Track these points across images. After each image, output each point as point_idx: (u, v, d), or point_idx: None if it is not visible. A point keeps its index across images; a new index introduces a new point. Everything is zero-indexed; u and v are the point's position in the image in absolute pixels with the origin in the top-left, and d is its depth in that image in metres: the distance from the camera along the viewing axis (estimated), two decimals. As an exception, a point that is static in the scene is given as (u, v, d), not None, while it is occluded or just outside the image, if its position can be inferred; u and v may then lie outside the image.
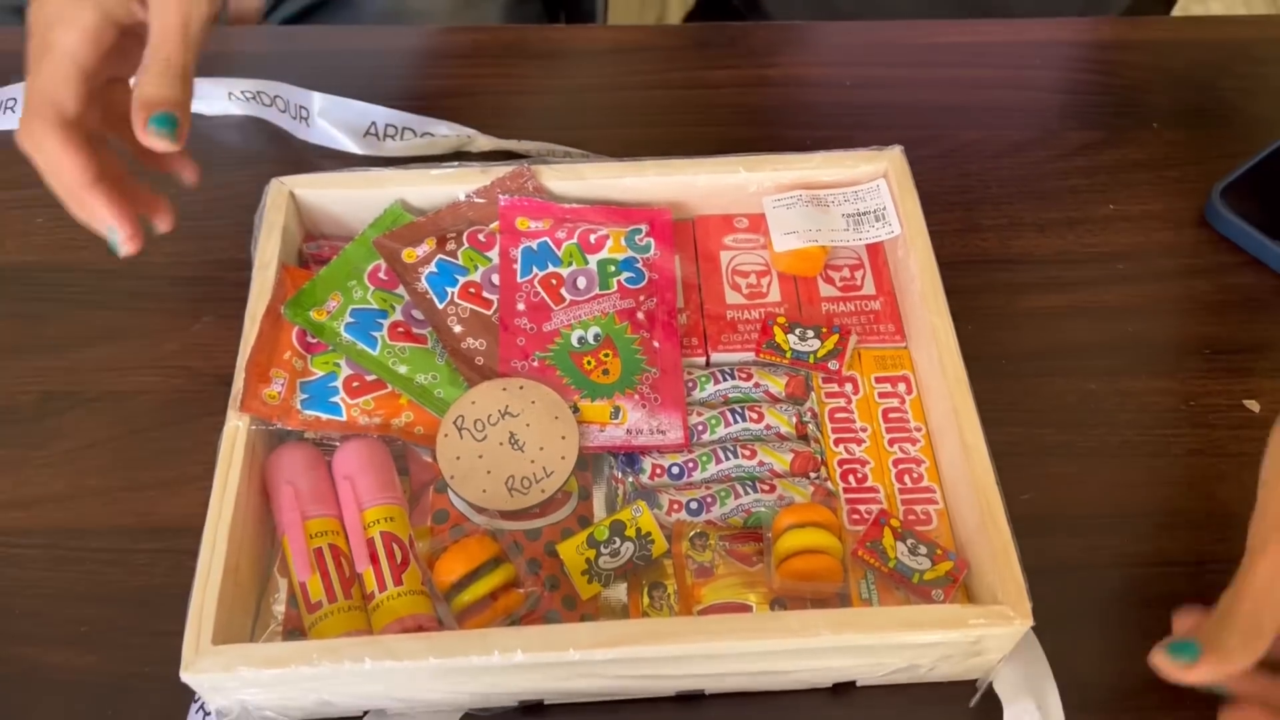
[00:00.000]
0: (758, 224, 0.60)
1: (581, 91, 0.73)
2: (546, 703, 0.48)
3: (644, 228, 0.58)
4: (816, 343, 0.54)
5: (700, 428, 0.53)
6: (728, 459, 0.52)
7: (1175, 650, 0.44)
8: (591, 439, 0.52)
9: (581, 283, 0.56)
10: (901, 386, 0.54)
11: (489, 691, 0.47)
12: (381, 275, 0.55)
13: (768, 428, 0.53)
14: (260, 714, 0.46)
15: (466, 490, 0.50)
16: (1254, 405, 0.58)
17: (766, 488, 0.51)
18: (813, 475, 0.52)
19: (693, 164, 0.59)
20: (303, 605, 0.47)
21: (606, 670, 0.45)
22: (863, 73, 0.75)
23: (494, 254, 0.56)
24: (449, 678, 0.44)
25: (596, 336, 0.54)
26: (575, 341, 0.54)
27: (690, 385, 0.54)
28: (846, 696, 0.49)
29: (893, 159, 0.58)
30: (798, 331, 0.55)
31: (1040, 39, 0.77)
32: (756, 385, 0.54)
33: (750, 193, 0.59)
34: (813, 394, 0.54)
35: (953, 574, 0.47)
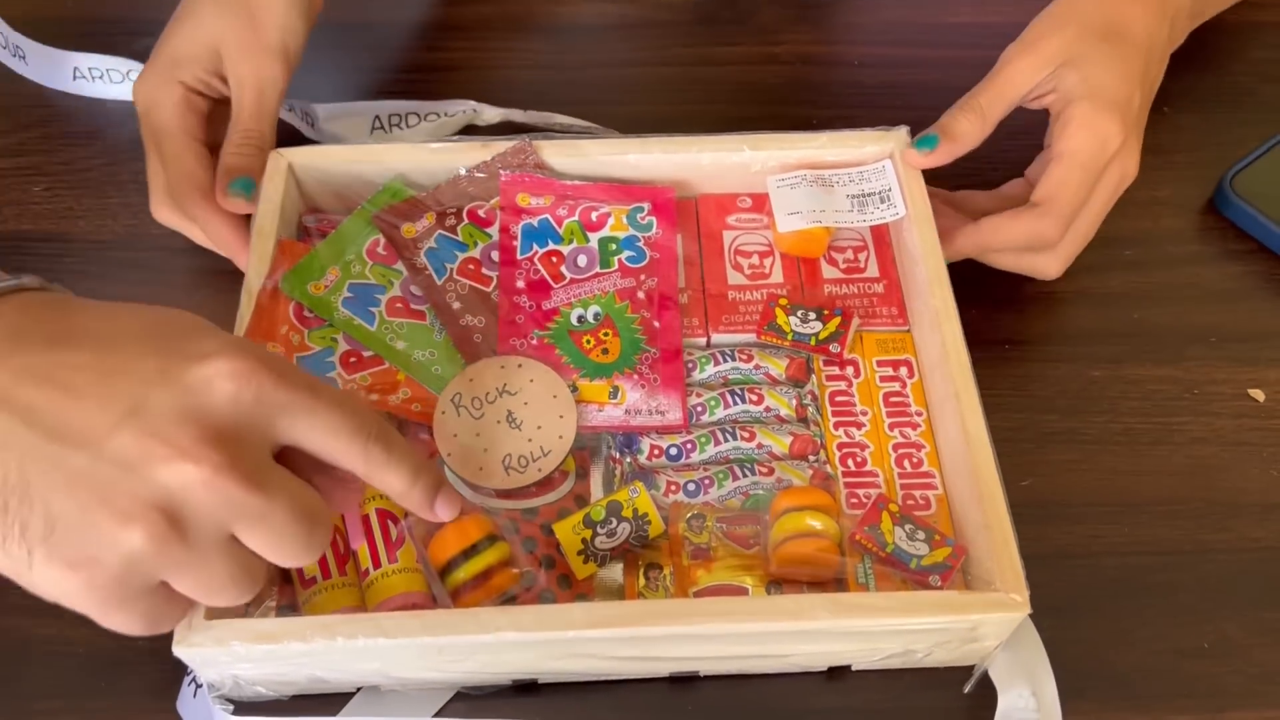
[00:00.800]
0: (761, 203, 0.59)
1: (586, 67, 0.73)
2: (540, 682, 0.48)
3: (646, 206, 0.57)
4: (818, 325, 0.54)
5: (699, 409, 0.53)
6: (726, 441, 0.51)
7: (920, 143, 0.56)
8: (590, 418, 0.51)
9: (582, 261, 0.55)
10: (903, 370, 0.54)
11: (482, 670, 0.46)
12: (380, 250, 0.55)
13: (767, 410, 0.53)
14: (252, 688, 0.45)
15: (463, 469, 0.50)
16: (1259, 394, 0.57)
17: (765, 470, 0.51)
18: (812, 458, 0.51)
19: (697, 141, 0.58)
20: (297, 580, 0.47)
21: (601, 650, 0.45)
22: (871, 51, 0.74)
23: (494, 230, 0.56)
24: (443, 655, 0.44)
25: (596, 315, 0.54)
26: (575, 320, 0.54)
27: (690, 366, 0.54)
28: (841, 680, 0.49)
29: (899, 140, 0.58)
30: (799, 314, 0.54)
31: None
32: (757, 367, 0.54)
33: (754, 172, 0.59)
34: (813, 376, 0.54)
35: (951, 560, 0.47)
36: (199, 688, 0.46)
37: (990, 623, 0.44)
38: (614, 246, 0.56)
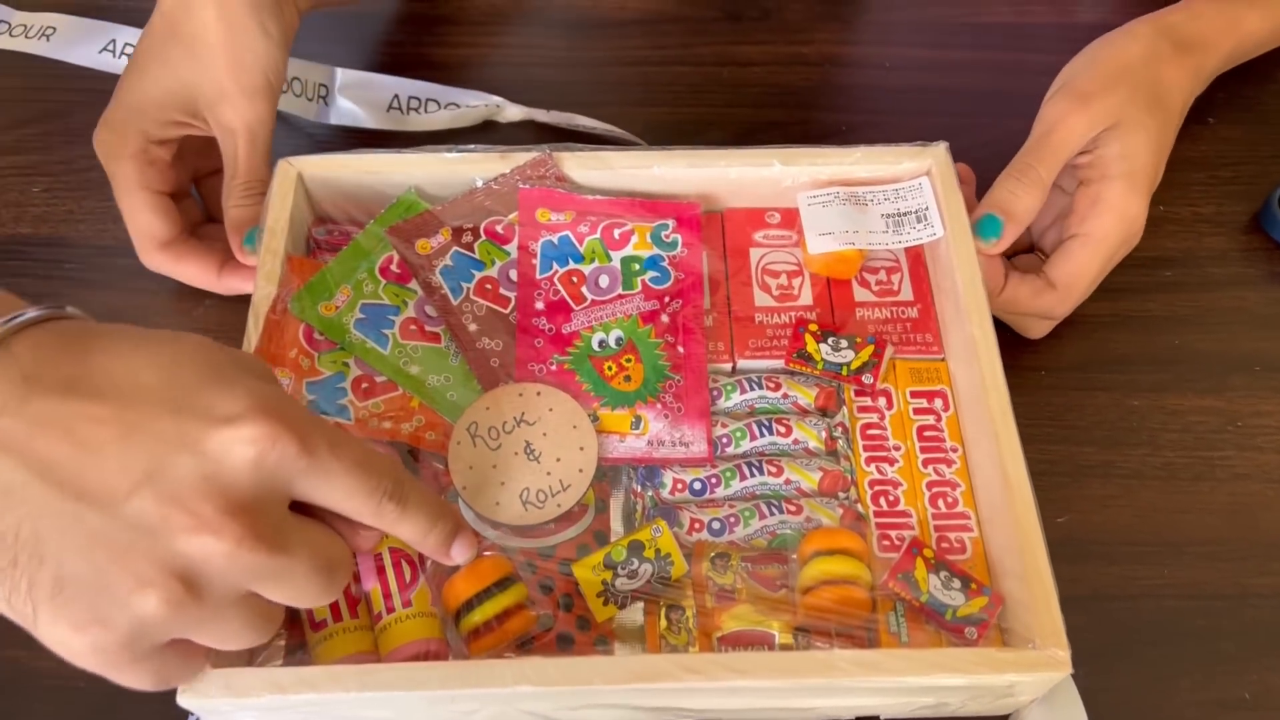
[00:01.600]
0: (791, 219, 0.57)
1: (605, 65, 0.70)
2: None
3: (671, 223, 0.55)
4: (850, 354, 0.51)
5: (725, 440, 0.50)
6: (753, 475, 0.49)
7: (983, 233, 0.53)
8: (611, 450, 0.49)
9: (604, 281, 0.53)
10: (938, 402, 0.51)
11: (501, 717, 0.45)
12: (394, 268, 0.53)
13: (795, 442, 0.51)
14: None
15: (479, 503, 0.48)
16: (1305, 429, 0.55)
17: (793, 509, 0.49)
18: (841, 496, 0.49)
19: (725, 155, 0.55)
20: (307, 623, 0.45)
21: (621, 700, 0.43)
22: (902, 53, 0.71)
23: (512, 248, 0.53)
24: (456, 705, 0.42)
25: (618, 340, 0.52)
26: (596, 345, 0.52)
27: (715, 394, 0.52)
28: (869, 729, 0.47)
29: (937, 156, 0.55)
30: (831, 341, 0.52)
31: (1092, 21, 0.73)
32: (785, 396, 0.52)
33: (784, 186, 0.56)
34: (844, 408, 0.51)
35: (987, 610, 0.45)
36: (204, 728, 0.44)
37: (1028, 681, 0.42)
38: (637, 266, 0.53)
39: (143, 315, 0.58)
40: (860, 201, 0.54)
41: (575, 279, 0.53)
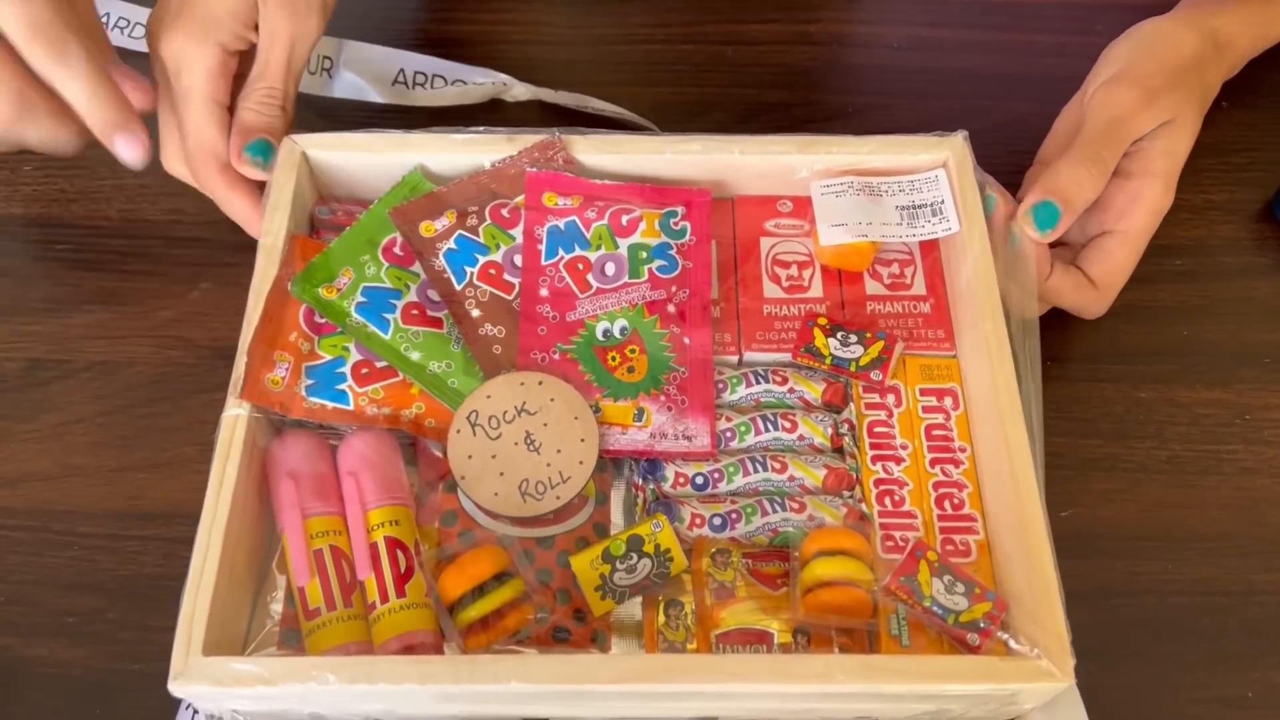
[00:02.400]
0: (803, 208, 0.55)
1: (608, 43, 0.68)
2: (552, 720, 0.46)
3: (680, 210, 0.53)
4: (859, 349, 0.50)
5: (729, 434, 0.50)
6: (756, 471, 0.49)
7: (1042, 220, 0.50)
8: (612, 442, 0.49)
9: (610, 269, 0.52)
10: (948, 400, 0.51)
11: (492, 712, 0.44)
12: (397, 250, 0.52)
13: (801, 438, 0.50)
14: (252, 724, 0.43)
15: (477, 492, 0.47)
16: (1315, 423, 0.54)
17: (796, 506, 0.48)
18: (846, 494, 0.49)
19: (738, 141, 0.54)
20: (300, 610, 0.44)
21: (617, 699, 0.43)
22: (911, 33, 0.70)
23: (517, 232, 0.52)
24: (451, 701, 0.42)
25: (623, 330, 0.51)
26: (600, 334, 0.51)
27: (720, 387, 0.51)
28: (867, 731, 0.47)
29: (954, 147, 0.54)
30: (840, 335, 0.51)
31: (1103, 1, 0.71)
32: (791, 390, 0.51)
33: (798, 176, 0.55)
34: (851, 404, 0.51)
35: (990, 616, 0.44)
36: (196, 713, 0.44)
37: (1030, 690, 0.42)
38: (644, 254, 0.52)
39: (137, 297, 0.57)
40: (874, 192, 0.53)
41: (581, 266, 0.52)
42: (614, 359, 0.50)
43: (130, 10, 0.67)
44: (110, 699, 0.46)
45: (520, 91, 0.64)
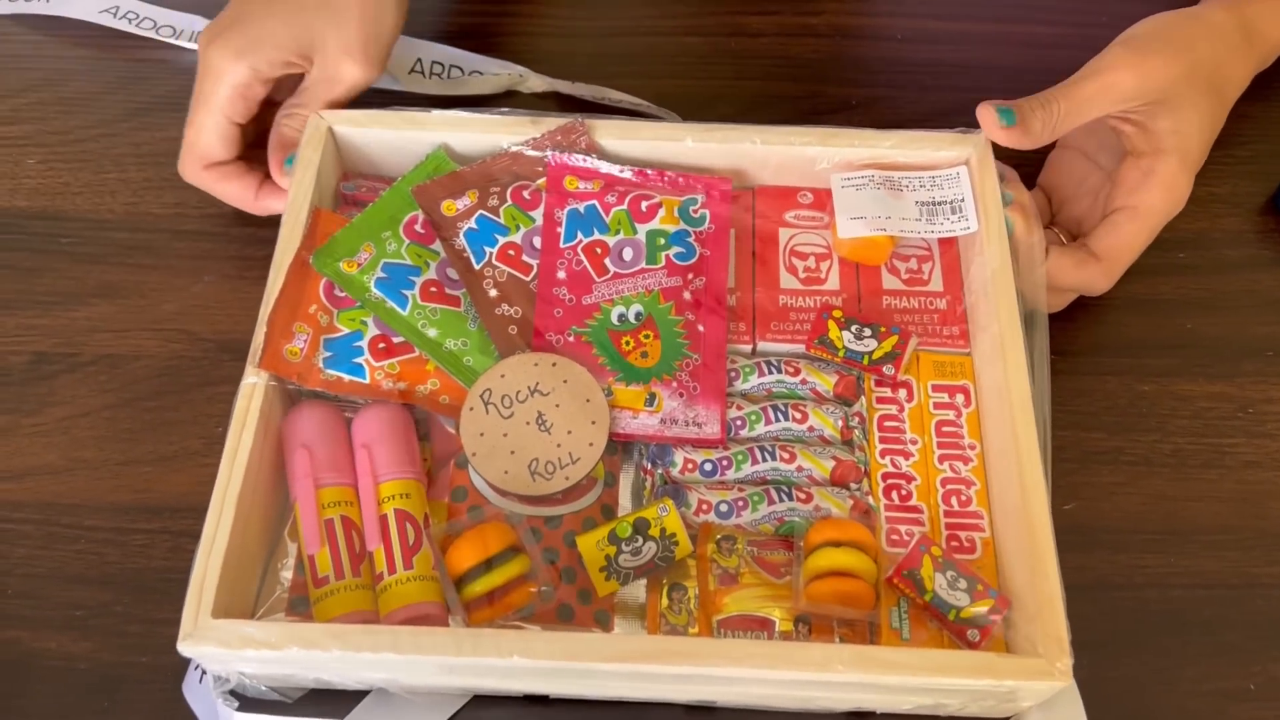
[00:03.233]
0: (823, 200, 0.56)
1: (611, 35, 0.68)
2: (553, 696, 0.47)
3: (699, 198, 0.54)
4: (873, 343, 0.51)
5: (739, 422, 0.50)
6: (765, 460, 0.49)
7: (1002, 111, 0.52)
8: (623, 426, 0.49)
9: (628, 254, 0.52)
10: (959, 398, 0.51)
11: (494, 685, 0.45)
12: (418, 228, 0.52)
13: (810, 429, 0.50)
14: (257, 687, 0.44)
15: (488, 470, 0.47)
16: (1315, 416, 0.54)
17: (803, 496, 0.48)
18: (853, 487, 0.49)
19: (760, 131, 0.54)
20: (310, 578, 0.45)
21: (617, 679, 0.43)
22: (914, 25, 0.69)
23: (538, 214, 0.53)
24: (453, 672, 0.43)
25: (638, 315, 0.51)
26: (615, 319, 0.51)
27: (733, 375, 0.51)
28: (864, 722, 0.47)
29: (977, 145, 0.54)
30: (854, 329, 0.51)
31: None
32: (804, 382, 0.51)
33: (819, 168, 0.55)
34: (863, 397, 0.51)
35: (992, 614, 0.44)
36: (204, 674, 0.45)
37: (1029, 688, 0.42)
38: (662, 241, 0.53)
39: (141, 290, 0.57)
40: (895, 186, 0.53)
41: (599, 250, 0.52)
42: (628, 344, 0.50)
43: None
44: (118, 691, 0.47)
45: (536, 83, 0.64)
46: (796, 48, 0.68)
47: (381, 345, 0.49)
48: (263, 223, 0.58)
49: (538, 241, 0.52)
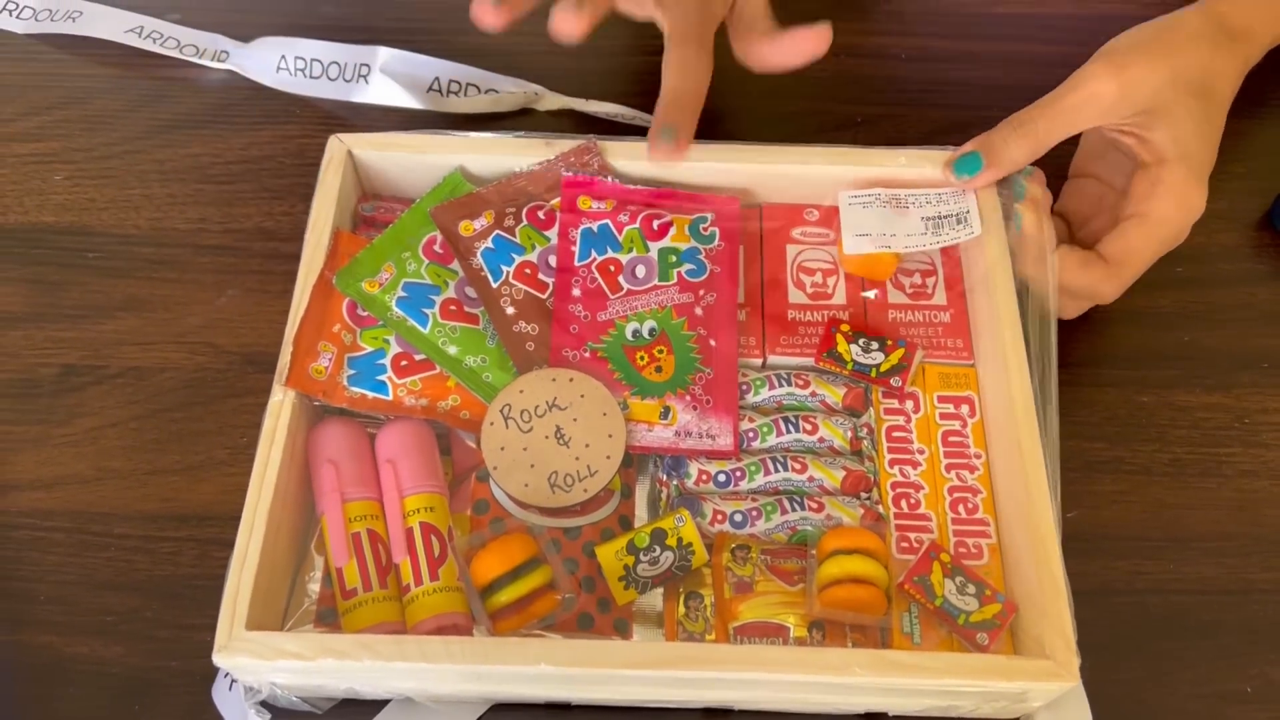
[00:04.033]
0: (829, 217, 0.57)
1: (623, 54, 0.69)
2: (574, 703, 0.48)
3: (709, 216, 0.55)
4: (880, 356, 0.52)
5: (751, 435, 0.51)
6: (777, 471, 0.50)
7: (960, 168, 0.53)
8: (639, 438, 0.50)
9: (641, 271, 0.54)
10: (965, 408, 0.52)
11: (518, 693, 0.46)
12: (437, 248, 0.54)
13: (821, 440, 0.51)
14: (289, 697, 0.45)
15: (508, 483, 0.49)
16: (1310, 426, 0.55)
17: (814, 505, 0.49)
18: (863, 496, 0.50)
19: (769, 151, 0.56)
20: (338, 590, 0.46)
21: (640, 685, 0.45)
22: (917, 44, 0.71)
23: (552, 234, 0.54)
24: (481, 680, 0.44)
25: (652, 331, 0.53)
26: (630, 334, 0.53)
27: (744, 388, 0.52)
28: (877, 724, 0.48)
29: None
30: (861, 342, 0.53)
31: (1108, 12, 0.72)
32: (813, 394, 0.52)
33: (826, 185, 0.56)
34: (871, 409, 0.52)
35: (1000, 618, 0.46)
36: (234, 682, 0.46)
37: (1038, 689, 0.43)
38: (674, 258, 0.54)
39: (166, 304, 0.58)
40: (901, 204, 0.54)
41: (613, 268, 0.54)
42: (642, 359, 0.52)
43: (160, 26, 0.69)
44: (148, 695, 0.48)
45: (551, 101, 0.66)
46: (803, 66, 0.69)
47: (404, 363, 0.51)
48: (284, 237, 0.60)
49: (553, 260, 0.54)
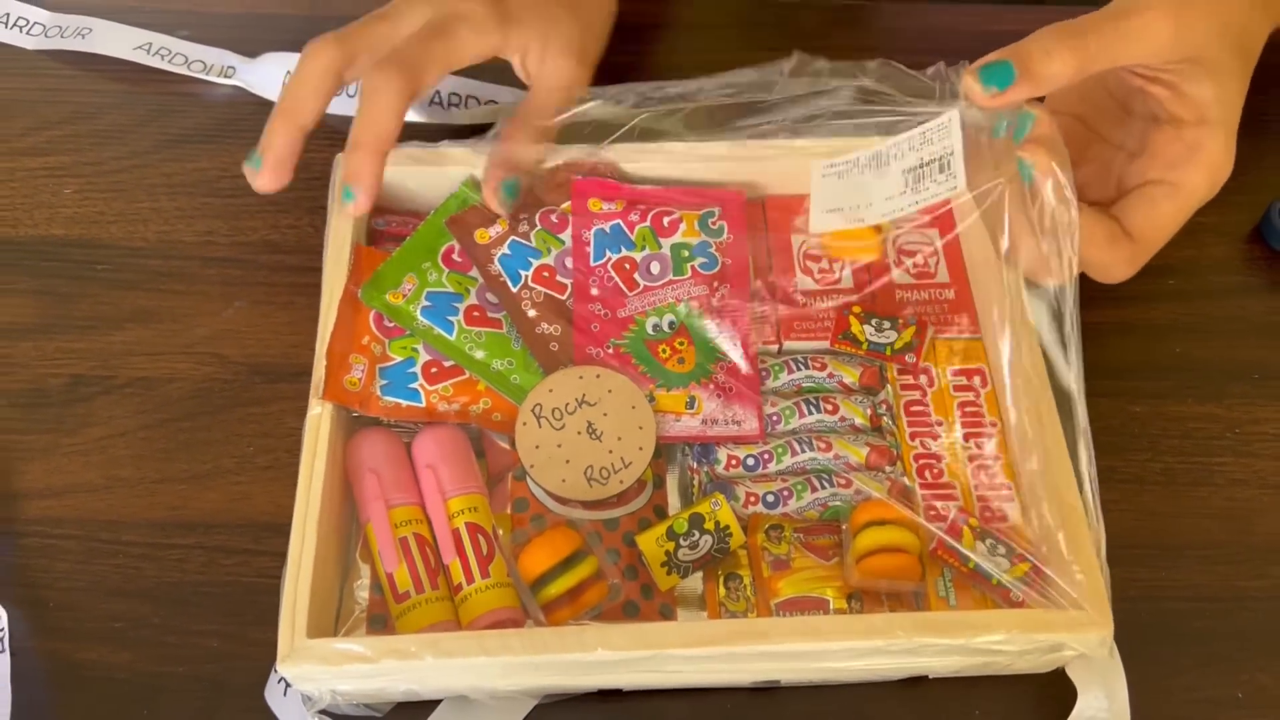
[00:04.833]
0: (829, 206, 0.59)
1: (623, 71, 0.70)
2: (625, 689, 0.49)
3: (716, 211, 0.57)
4: (894, 334, 0.54)
5: (775, 418, 0.53)
6: (803, 451, 0.52)
7: (989, 78, 0.44)
8: (667, 428, 0.52)
9: (655, 268, 0.55)
10: (976, 379, 0.54)
11: (568, 681, 0.47)
12: (455, 257, 0.55)
13: (842, 419, 0.53)
14: (349, 703, 0.46)
15: (546, 479, 0.50)
16: (1299, 436, 0.56)
17: (843, 482, 0.51)
18: (888, 469, 0.52)
19: (766, 146, 0.57)
20: (389, 594, 0.47)
21: (694, 663, 0.46)
22: (915, 60, 0.71)
23: (567, 236, 0.56)
24: (538, 671, 0.45)
25: (671, 324, 0.54)
26: (650, 329, 0.54)
27: (764, 374, 0.54)
28: (918, 687, 0.50)
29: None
30: (874, 322, 0.54)
31: None
32: (830, 375, 0.54)
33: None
34: (887, 386, 0.54)
35: (1031, 574, 0.47)
36: (288, 687, 0.46)
37: (1073, 639, 0.45)
38: (686, 253, 0.56)
39: (174, 315, 0.59)
40: (883, 161, 0.52)
41: (628, 265, 0.55)
42: (664, 351, 0.53)
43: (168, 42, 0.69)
44: (156, 700, 0.48)
45: None
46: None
47: (434, 370, 0.52)
48: (290, 250, 0.61)
49: (569, 262, 0.55)
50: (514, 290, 0.54)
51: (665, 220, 0.56)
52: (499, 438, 0.52)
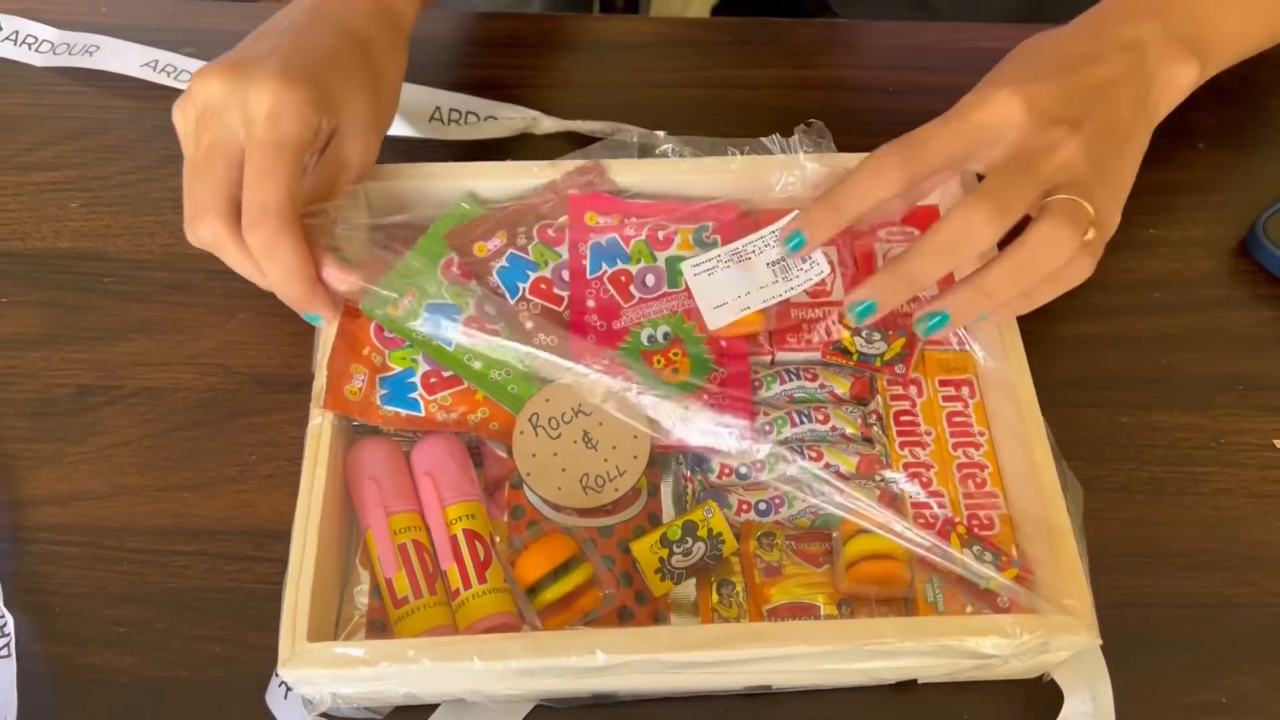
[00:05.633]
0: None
1: (617, 87, 0.72)
2: (620, 694, 0.50)
3: (710, 225, 0.58)
4: (883, 345, 0.55)
5: (767, 428, 0.54)
6: (794, 460, 0.53)
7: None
8: (661, 438, 0.53)
9: (650, 280, 0.57)
10: (965, 390, 0.55)
11: (562, 687, 0.48)
12: (454, 270, 0.56)
13: (833, 429, 0.54)
14: (349, 706, 0.47)
15: (543, 487, 0.51)
16: (1283, 446, 0.58)
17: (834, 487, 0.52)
18: (877, 478, 0.53)
19: (756, 161, 0.59)
20: (388, 600, 0.48)
21: (689, 667, 0.46)
22: (906, 77, 0.73)
23: (563, 249, 0.57)
24: (533, 675, 0.46)
25: (665, 335, 0.55)
26: (645, 340, 0.55)
27: (756, 384, 0.55)
28: (908, 692, 0.50)
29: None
30: (865, 334, 0.56)
31: None
32: (822, 386, 0.55)
33: (812, 185, 0.59)
34: (877, 396, 0.55)
35: (1018, 580, 0.49)
36: (289, 690, 0.47)
37: (1059, 643, 0.46)
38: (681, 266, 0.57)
39: (178, 326, 0.60)
40: (744, 257, 0.55)
41: (623, 278, 0.56)
42: (659, 362, 0.54)
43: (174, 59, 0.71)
44: (159, 704, 0.49)
45: (548, 124, 0.68)
46: (793, 99, 0.71)
47: (433, 380, 0.53)
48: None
49: (566, 275, 0.56)
50: (512, 302, 0.55)
51: (660, 234, 0.58)
52: (496, 446, 0.52)
